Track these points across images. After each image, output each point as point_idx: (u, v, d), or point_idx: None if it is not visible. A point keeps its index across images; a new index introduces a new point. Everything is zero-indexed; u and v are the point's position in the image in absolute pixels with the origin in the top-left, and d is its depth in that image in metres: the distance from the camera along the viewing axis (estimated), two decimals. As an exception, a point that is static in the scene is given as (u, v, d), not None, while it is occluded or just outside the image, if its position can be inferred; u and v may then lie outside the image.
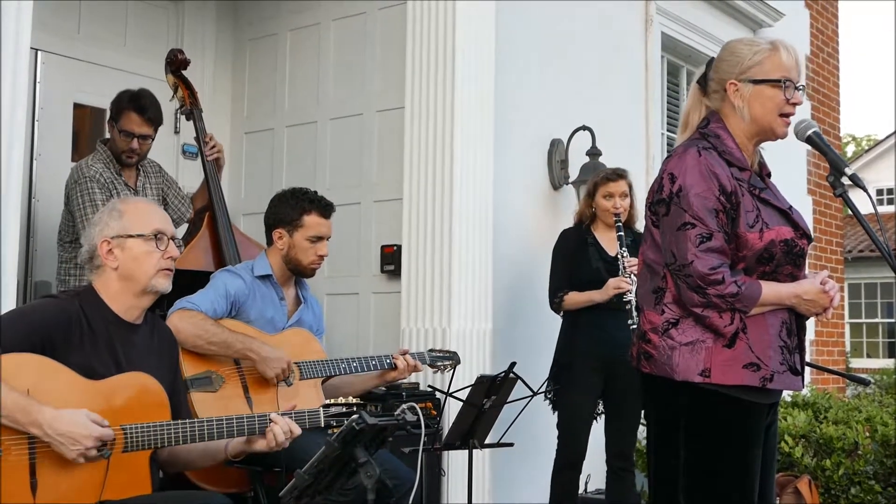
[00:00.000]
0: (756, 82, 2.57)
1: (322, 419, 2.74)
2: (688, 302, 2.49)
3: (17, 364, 2.36)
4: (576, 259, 4.45)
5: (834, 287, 2.54)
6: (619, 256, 4.34)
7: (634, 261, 4.34)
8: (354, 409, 2.78)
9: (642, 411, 4.36)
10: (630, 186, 4.49)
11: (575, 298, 4.38)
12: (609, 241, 4.48)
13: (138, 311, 2.68)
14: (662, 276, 2.56)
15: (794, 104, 2.58)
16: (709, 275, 2.43)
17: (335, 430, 2.75)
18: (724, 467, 2.49)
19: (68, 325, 2.51)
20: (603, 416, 4.47)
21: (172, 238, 2.71)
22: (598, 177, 4.51)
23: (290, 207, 3.60)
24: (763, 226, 2.51)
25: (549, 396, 4.41)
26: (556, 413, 4.43)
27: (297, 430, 2.67)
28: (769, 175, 2.73)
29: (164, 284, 2.68)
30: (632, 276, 4.24)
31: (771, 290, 2.49)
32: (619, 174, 4.47)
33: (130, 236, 2.64)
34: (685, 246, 2.47)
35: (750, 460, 2.50)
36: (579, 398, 4.34)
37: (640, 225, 4.55)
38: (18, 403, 2.31)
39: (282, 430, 2.63)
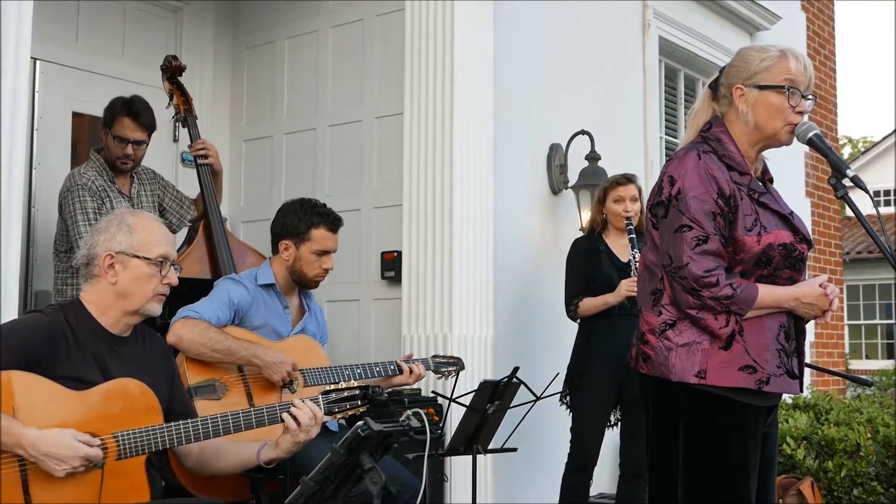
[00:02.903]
0: (761, 88, 2.57)
1: (322, 406, 2.71)
2: (683, 304, 2.50)
3: (2, 382, 2.34)
4: (589, 267, 4.48)
5: (834, 291, 2.54)
6: (631, 259, 4.35)
7: None
8: (357, 392, 2.75)
9: None
10: (640, 191, 4.52)
11: (590, 304, 4.41)
12: (621, 248, 4.49)
13: (125, 327, 2.66)
14: (660, 277, 2.57)
15: (800, 112, 2.57)
16: (703, 277, 2.44)
17: (336, 417, 2.75)
18: (720, 469, 2.49)
19: (54, 341, 2.49)
20: (619, 423, 4.48)
21: (174, 264, 2.69)
22: (608, 182, 4.55)
23: (299, 219, 3.59)
24: (761, 229, 2.51)
25: (565, 401, 4.45)
26: (571, 417, 4.46)
27: (321, 414, 2.64)
28: (771, 181, 2.73)
29: (157, 309, 2.66)
30: None
31: (768, 293, 2.49)
32: (628, 178, 4.51)
33: (136, 257, 2.61)
34: (681, 248, 2.48)
35: (747, 462, 2.50)
36: (591, 404, 4.37)
37: None
38: (1, 426, 2.29)
39: (307, 414, 2.60)
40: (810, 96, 2.60)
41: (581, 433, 4.39)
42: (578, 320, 4.52)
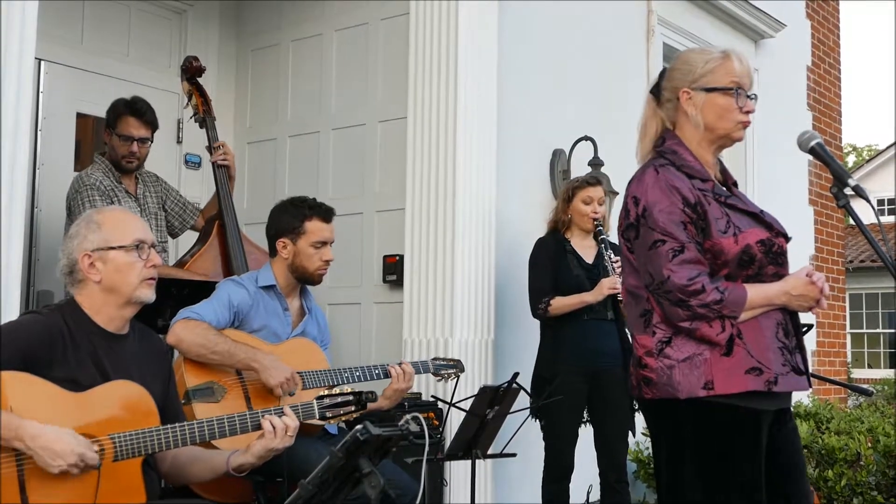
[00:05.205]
0: (708, 90, 2.58)
1: (316, 411, 2.71)
2: (674, 318, 2.45)
3: None
4: (556, 267, 4.39)
5: (821, 277, 2.52)
6: (606, 259, 4.31)
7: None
8: (351, 398, 2.75)
9: (631, 419, 4.35)
10: (605, 194, 4.47)
11: (563, 302, 4.29)
12: (585, 249, 4.46)
13: (122, 322, 2.65)
14: (646, 298, 2.53)
15: (748, 112, 2.59)
16: (687, 286, 2.41)
17: (330, 422, 2.75)
18: (732, 478, 2.45)
19: (51, 342, 2.49)
20: (590, 424, 4.40)
21: (152, 245, 2.68)
22: (577, 182, 4.49)
23: (291, 216, 3.60)
24: (735, 230, 2.49)
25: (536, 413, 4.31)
26: (542, 426, 4.35)
27: (295, 425, 2.64)
28: (735, 184, 2.72)
29: (148, 294, 2.64)
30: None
31: (757, 292, 2.47)
32: (598, 180, 4.47)
33: (112, 248, 2.60)
34: (659, 263, 2.45)
35: (758, 468, 2.47)
36: (564, 412, 4.24)
37: (613, 236, 4.53)
38: (1, 420, 2.29)
39: (289, 424, 2.60)
40: (754, 95, 2.62)
41: (555, 442, 4.30)
42: (545, 320, 4.39)
